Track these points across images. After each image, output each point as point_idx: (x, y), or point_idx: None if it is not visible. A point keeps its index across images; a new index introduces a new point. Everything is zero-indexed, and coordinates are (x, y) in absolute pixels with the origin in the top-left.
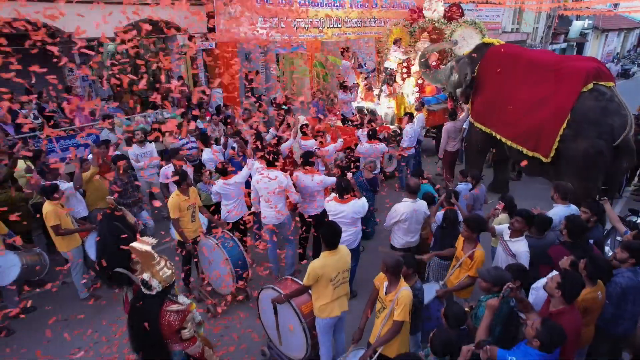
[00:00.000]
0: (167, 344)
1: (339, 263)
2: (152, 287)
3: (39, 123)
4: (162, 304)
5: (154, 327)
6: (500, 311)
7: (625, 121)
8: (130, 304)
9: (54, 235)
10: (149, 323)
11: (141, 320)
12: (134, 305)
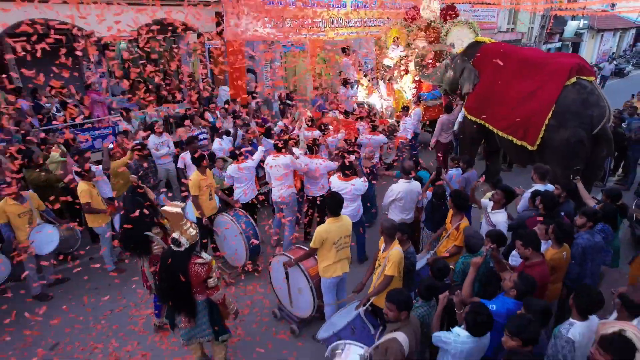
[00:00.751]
0: (193, 294)
1: (341, 229)
2: (181, 244)
3: (61, 115)
4: (189, 259)
5: (185, 278)
6: (479, 270)
7: (604, 112)
8: (160, 261)
9: (85, 213)
10: (181, 274)
11: (172, 273)
12: (164, 262)
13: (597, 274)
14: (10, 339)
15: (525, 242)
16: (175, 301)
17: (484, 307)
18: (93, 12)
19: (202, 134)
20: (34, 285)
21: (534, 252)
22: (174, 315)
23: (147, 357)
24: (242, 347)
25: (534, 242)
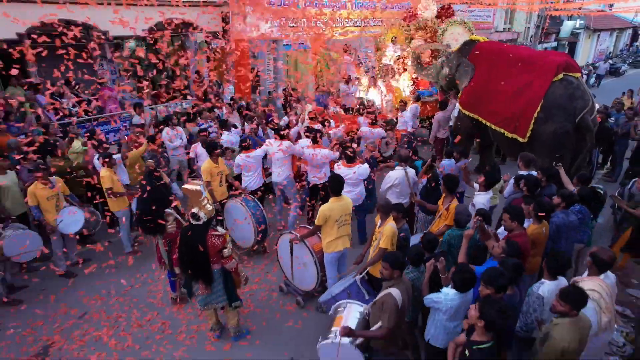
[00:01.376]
0: (210, 263)
1: (342, 207)
2: (200, 218)
3: (76, 110)
4: (207, 231)
5: (203, 248)
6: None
7: (587, 104)
8: (181, 234)
9: (107, 197)
10: (200, 245)
11: (192, 244)
12: (184, 235)
13: (571, 250)
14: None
15: (512, 215)
16: (194, 270)
17: (467, 267)
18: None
19: (211, 127)
20: (60, 264)
21: (518, 226)
22: (192, 284)
23: (166, 325)
24: (252, 316)
25: (519, 217)
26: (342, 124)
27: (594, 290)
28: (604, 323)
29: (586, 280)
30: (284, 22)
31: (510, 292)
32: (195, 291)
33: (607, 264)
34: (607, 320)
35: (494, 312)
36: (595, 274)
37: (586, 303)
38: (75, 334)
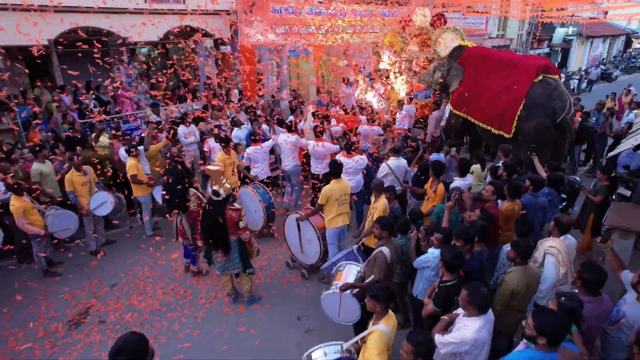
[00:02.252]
0: (228, 234)
1: (342, 188)
2: (220, 194)
3: (97, 110)
4: (225, 206)
5: (222, 220)
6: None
7: (565, 104)
8: (203, 209)
9: (132, 183)
10: (219, 217)
11: (213, 217)
12: (206, 209)
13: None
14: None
15: (495, 189)
16: (215, 240)
17: (448, 230)
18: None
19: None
20: (91, 243)
21: (494, 200)
22: (212, 253)
23: (188, 292)
24: (262, 287)
25: (500, 192)
26: (342, 123)
27: (554, 247)
28: (561, 274)
29: (549, 240)
30: (288, 29)
31: (478, 249)
32: (214, 259)
33: (567, 227)
34: (564, 272)
35: (451, 256)
36: (557, 235)
37: (530, 255)
38: (109, 299)
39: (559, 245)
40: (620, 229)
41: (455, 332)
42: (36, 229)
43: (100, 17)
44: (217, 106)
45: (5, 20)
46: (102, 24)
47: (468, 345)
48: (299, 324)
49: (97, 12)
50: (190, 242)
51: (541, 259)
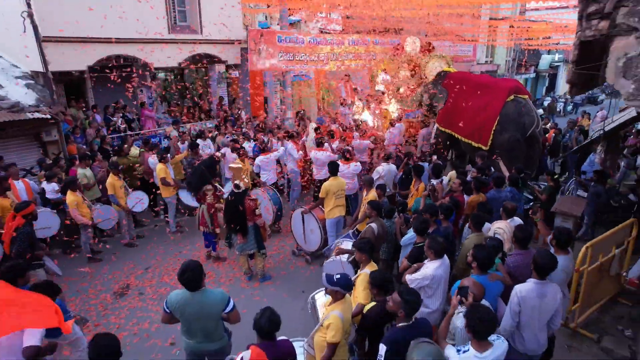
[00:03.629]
0: (246, 219)
1: (338, 184)
2: (240, 187)
3: (124, 127)
4: (244, 196)
5: (242, 208)
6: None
7: (533, 120)
8: (226, 200)
9: (161, 185)
10: (240, 206)
11: (235, 206)
12: (228, 200)
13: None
14: (117, 264)
15: (462, 182)
16: (236, 224)
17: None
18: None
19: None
20: (127, 235)
21: (460, 192)
22: (232, 236)
23: (210, 273)
24: (272, 269)
25: (465, 185)
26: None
27: (501, 227)
28: (506, 248)
29: (498, 222)
30: (292, 56)
31: (445, 225)
32: (234, 242)
33: (511, 212)
34: (508, 247)
35: (419, 222)
36: (505, 218)
37: (482, 224)
38: (145, 278)
39: (504, 226)
40: (562, 213)
41: (420, 271)
42: (85, 219)
43: (129, 46)
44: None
45: (53, 51)
46: (130, 52)
47: (429, 280)
48: (303, 295)
49: (126, 42)
50: (209, 230)
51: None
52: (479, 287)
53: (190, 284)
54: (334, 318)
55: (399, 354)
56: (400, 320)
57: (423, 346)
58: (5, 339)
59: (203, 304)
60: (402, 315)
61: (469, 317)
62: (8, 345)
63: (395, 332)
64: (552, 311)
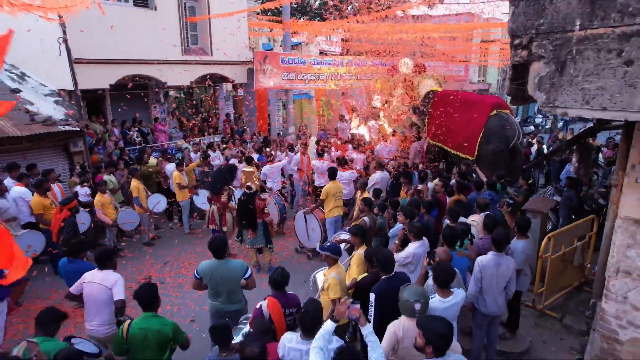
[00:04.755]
0: (256, 217)
1: (337, 187)
2: (252, 188)
3: (140, 140)
4: (255, 196)
5: (253, 207)
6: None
7: (515, 133)
8: (239, 200)
9: (177, 190)
10: (251, 205)
11: (246, 205)
12: (241, 199)
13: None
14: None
15: (444, 184)
16: (247, 221)
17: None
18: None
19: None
20: (145, 235)
21: (443, 192)
22: (243, 232)
23: None
24: (277, 264)
25: (446, 187)
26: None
27: (475, 220)
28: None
29: (473, 215)
30: (294, 76)
31: (426, 217)
32: (244, 237)
33: (484, 207)
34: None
35: (406, 209)
36: (478, 213)
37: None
38: (164, 270)
39: (477, 219)
40: (531, 210)
41: (404, 250)
42: (107, 219)
43: (147, 66)
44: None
45: (81, 71)
46: (147, 72)
47: (411, 257)
48: (305, 284)
49: (144, 63)
50: (217, 227)
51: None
52: (446, 253)
53: (217, 251)
54: (331, 279)
55: (384, 298)
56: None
57: (411, 287)
58: (96, 291)
59: (228, 269)
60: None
61: (434, 270)
62: (98, 298)
63: (380, 283)
64: (507, 278)
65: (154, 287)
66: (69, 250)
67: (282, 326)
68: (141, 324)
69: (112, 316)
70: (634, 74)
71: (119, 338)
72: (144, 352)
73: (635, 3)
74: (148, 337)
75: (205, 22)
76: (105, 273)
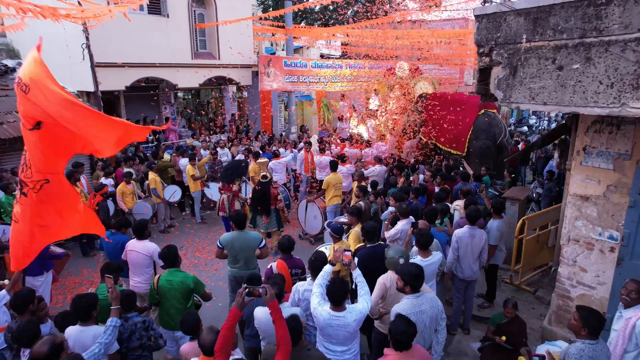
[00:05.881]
0: (270, 203)
1: (337, 178)
2: (267, 177)
3: (152, 139)
4: (270, 185)
5: (268, 194)
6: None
7: (502, 130)
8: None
9: (190, 181)
10: (266, 193)
11: (262, 193)
12: (256, 188)
13: None
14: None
15: (433, 174)
16: (262, 207)
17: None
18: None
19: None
20: (162, 224)
21: (432, 182)
22: (257, 218)
23: None
24: None
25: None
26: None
27: (458, 205)
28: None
29: (457, 201)
30: (296, 78)
31: (415, 202)
32: (258, 223)
33: (466, 193)
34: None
35: (398, 193)
36: (462, 198)
37: (444, 200)
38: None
39: (461, 203)
40: (510, 198)
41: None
42: (123, 206)
43: (159, 69)
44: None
45: (100, 74)
46: (159, 75)
47: (399, 233)
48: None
49: (157, 67)
50: (227, 214)
51: (452, 210)
52: (426, 224)
53: (239, 223)
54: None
55: (368, 262)
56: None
57: (394, 247)
58: (137, 257)
59: (246, 239)
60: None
61: (416, 235)
62: (139, 263)
63: (365, 249)
64: (480, 248)
65: (175, 248)
66: (114, 225)
67: (289, 283)
68: (167, 276)
69: (149, 277)
70: (563, 76)
71: (152, 290)
72: (171, 301)
73: (563, 23)
74: (174, 287)
75: (213, 29)
76: (143, 243)
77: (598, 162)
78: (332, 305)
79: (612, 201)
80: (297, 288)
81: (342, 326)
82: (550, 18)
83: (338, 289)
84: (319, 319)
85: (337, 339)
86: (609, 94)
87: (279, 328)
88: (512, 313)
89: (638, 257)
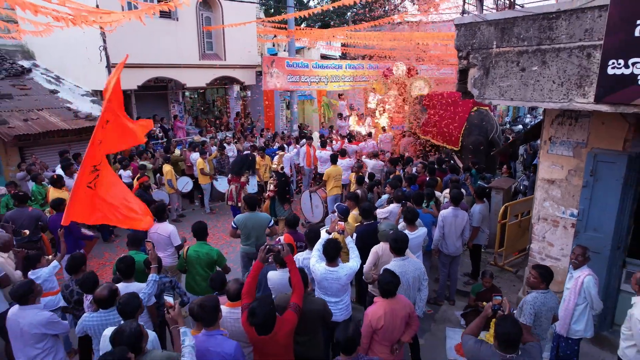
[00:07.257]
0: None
1: (337, 170)
2: (284, 168)
3: (161, 136)
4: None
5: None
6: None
7: (493, 127)
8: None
9: (200, 174)
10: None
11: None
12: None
13: None
14: None
15: (425, 166)
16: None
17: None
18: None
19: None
20: (174, 214)
21: (423, 173)
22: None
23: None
24: None
25: (426, 167)
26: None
27: (448, 193)
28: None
29: (447, 191)
30: (298, 78)
31: (407, 190)
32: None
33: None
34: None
35: (393, 180)
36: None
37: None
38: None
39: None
40: (495, 187)
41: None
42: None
43: (169, 69)
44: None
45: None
46: (169, 75)
47: (389, 214)
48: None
49: (166, 67)
50: (234, 203)
51: (442, 199)
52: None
53: (252, 204)
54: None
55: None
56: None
57: (386, 221)
58: (157, 238)
59: (257, 219)
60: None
61: (404, 212)
62: (161, 242)
63: (362, 226)
64: (462, 227)
65: (204, 223)
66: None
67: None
68: (195, 247)
69: (171, 253)
70: (526, 76)
71: (181, 258)
72: (197, 268)
73: (524, 32)
74: (200, 257)
75: (220, 31)
76: (163, 225)
77: (561, 150)
78: (327, 261)
79: (572, 183)
80: (297, 257)
81: (335, 279)
82: (514, 28)
83: (332, 247)
84: (316, 273)
85: (332, 291)
86: (560, 92)
87: (294, 275)
88: (489, 282)
89: (591, 229)
